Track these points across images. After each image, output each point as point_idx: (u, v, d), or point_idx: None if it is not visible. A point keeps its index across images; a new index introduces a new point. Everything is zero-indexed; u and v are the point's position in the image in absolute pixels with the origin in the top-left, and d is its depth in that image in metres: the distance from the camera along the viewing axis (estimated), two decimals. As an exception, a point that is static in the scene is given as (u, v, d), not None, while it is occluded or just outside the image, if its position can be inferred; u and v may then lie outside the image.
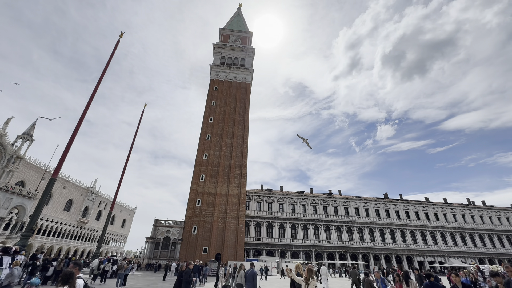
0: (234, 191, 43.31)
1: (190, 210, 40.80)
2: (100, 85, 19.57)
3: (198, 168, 44.11)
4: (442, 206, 55.08)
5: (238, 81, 55.62)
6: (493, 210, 56.20)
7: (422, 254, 47.61)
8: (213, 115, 50.01)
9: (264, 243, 44.08)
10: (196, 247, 38.37)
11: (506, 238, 52.36)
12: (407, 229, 50.01)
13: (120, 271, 15.60)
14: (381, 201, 53.07)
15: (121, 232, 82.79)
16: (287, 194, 50.51)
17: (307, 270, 6.21)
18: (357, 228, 48.51)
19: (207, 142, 47.01)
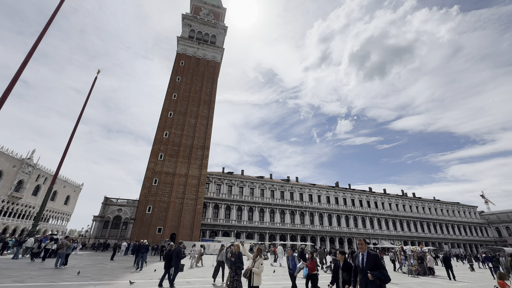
0: (194, 172, 42.50)
1: (146, 189, 39.00)
2: (41, 40, 16.66)
3: (157, 146, 41.88)
4: (382, 196, 62.59)
5: (207, 59, 53.06)
6: (420, 201, 65.98)
7: (360, 236, 53.67)
8: (177, 92, 47.24)
9: (221, 225, 44.87)
10: (150, 227, 37.24)
11: (426, 224, 62.36)
12: (351, 215, 55.87)
13: (60, 250, 14.36)
14: (332, 189, 57.87)
15: (63, 210, 75.54)
16: (248, 178, 51.56)
17: (257, 249, 6.89)
18: (308, 213, 52.41)
19: (169, 119, 44.58)
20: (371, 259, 4.40)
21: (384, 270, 4.24)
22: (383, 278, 4.08)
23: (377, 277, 4.08)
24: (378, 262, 4.35)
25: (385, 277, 4.11)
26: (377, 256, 4.43)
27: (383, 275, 4.10)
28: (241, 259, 7.92)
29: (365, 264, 4.39)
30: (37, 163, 59.82)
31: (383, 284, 4.13)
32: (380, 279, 4.06)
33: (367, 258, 4.45)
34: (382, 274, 4.12)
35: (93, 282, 10.29)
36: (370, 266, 4.31)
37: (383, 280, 4.09)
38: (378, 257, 4.45)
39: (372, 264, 4.32)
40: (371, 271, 4.17)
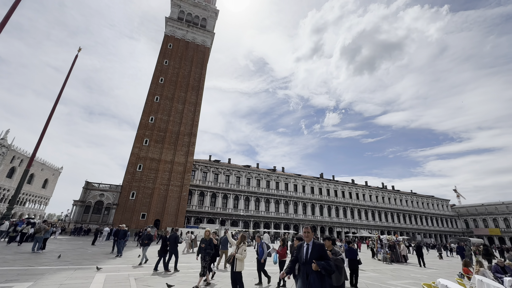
0: (180, 159, 41.93)
1: (130, 175, 38.16)
2: (15, 11, 15.30)
3: (142, 131, 40.71)
4: (363, 188, 65.03)
5: (197, 43, 51.29)
6: (398, 194, 69.25)
7: (341, 226, 56.33)
8: (164, 76, 45.62)
9: (206, 212, 45.07)
10: (134, 213, 36.76)
11: (402, 216, 65.83)
12: (333, 205, 57.83)
13: (38, 234, 13.89)
14: (317, 180, 59.32)
15: (41, 193, 72.73)
16: (234, 167, 51.65)
17: (241, 236, 7.07)
18: (293, 202, 53.66)
19: (155, 104, 43.22)
20: (316, 249, 4.04)
21: (330, 260, 3.97)
22: (329, 268, 3.81)
23: (323, 266, 3.80)
24: (323, 252, 4.02)
25: (331, 267, 3.84)
26: (322, 246, 4.11)
27: (328, 265, 3.84)
28: (212, 246, 8.03)
29: (310, 255, 4.03)
30: (11, 143, 56.59)
31: (328, 274, 3.84)
32: (325, 268, 3.79)
33: (312, 248, 4.08)
34: (327, 264, 3.84)
35: (73, 267, 10.09)
36: (315, 257, 3.96)
37: (328, 270, 3.80)
38: (324, 247, 4.13)
39: (317, 255, 3.97)
40: (316, 261, 3.88)
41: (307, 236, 4.16)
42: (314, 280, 3.83)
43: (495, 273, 8.71)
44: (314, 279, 3.84)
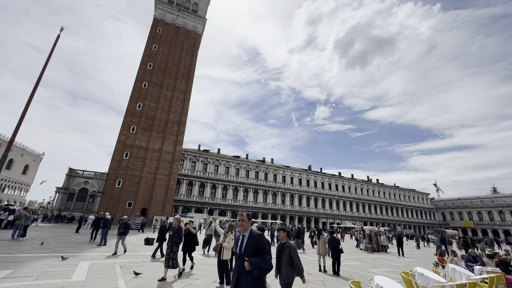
0: (169, 148, 41.28)
1: (116, 163, 37.28)
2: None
3: (129, 118, 39.56)
4: (349, 180, 66.84)
5: (187, 29, 49.63)
6: (382, 187, 71.75)
7: (327, 217, 58.03)
8: (153, 61, 44.09)
9: (194, 201, 45.04)
10: (120, 201, 36.18)
11: (385, 208, 68.51)
12: (320, 197, 59.25)
13: (18, 221, 13.44)
14: (305, 172, 60.32)
15: (21, 180, 70.03)
16: (224, 157, 51.52)
17: (228, 225, 7.13)
18: (281, 193, 54.51)
19: (143, 90, 41.90)
20: (253, 241, 3.23)
21: (267, 255, 3.15)
22: (264, 267, 3.01)
23: (256, 265, 2.99)
24: (261, 245, 3.22)
25: (266, 265, 3.04)
26: (261, 237, 3.29)
27: (264, 261, 3.04)
28: (180, 234, 7.66)
29: (244, 249, 3.22)
30: (-12, 127, 53.56)
31: (262, 274, 3.03)
32: (259, 267, 2.98)
33: (248, 240, 3.25)
34: (263, 261, 3.05)
35: (56, 254, 9.88)
36: (251, 250, 3.17)
37: (263, 268, 3.00)
38: (263, 238, 3.30)
39: (254, 248, 3.18)
40: (250, 258, 3.05)
41: (242, 225, 3.35)
42: (247, 284, 3.02)
43: (467, 262, 9.29)
44: (247, 283, 3.02)
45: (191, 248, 8.40)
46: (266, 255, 3.17)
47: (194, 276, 7.82)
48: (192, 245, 8.45)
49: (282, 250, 4.55)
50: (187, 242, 8.28)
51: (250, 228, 3.36)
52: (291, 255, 4.35)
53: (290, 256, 4.35)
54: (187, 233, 8.36)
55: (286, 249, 4.47)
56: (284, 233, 4.78)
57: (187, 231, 8.40)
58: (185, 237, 8.24)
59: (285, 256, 4.41)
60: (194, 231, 8.47)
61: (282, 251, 4.52)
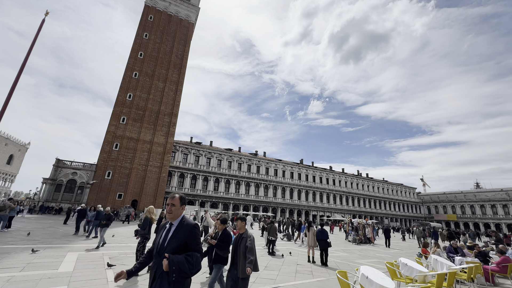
0: (160, 139, 40.72)
1: (105, 154, 36.56)
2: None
3: (119, 109, 38.63)
4: (340, 174, 68.00)
5: (180, 17, 48.29)
6: (371, 181, 73.40)
7: (317, 210, 59.12)
8: (144, 50, 42.87)
9: (185, 193, 44.89)
10: (110, 193, 35.70)
11: (373, 201, 70.31)
12: (311, 190, 60.14)
13: (2, 212, 13.08)
14: (296, 166, 60.91)
15: (6, 170, 67.92)
16: (216, 150, 51.32)
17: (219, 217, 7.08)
18: (272, 186, 55.00)
19: (134, 80, 40.86)
20: (181, 233, 2.44)
21: (196, 253, 2.41)
22: (187, 268, 2.25)
23: (178, 265, 2.22)
24: (192, 239, 2.44)
25: (192, 266, 2.30)
26: (194, 228, 2.49)
27: (189, 261, 2.30)
28: (144, 225, 6.96)
29: (168, 242, 2.42)
30: (-31, 115, 51.28)
31: (183, 277, 2.27)
32: (181, 268, 2.22)
33: (176, 230, 2.46)
34: (188, 261, 2.30)
35: (42, 246, 9.71)
36: (176, 244, 2.38)
37: (185, 270, 2.24)
38: (196, 230, 2.51)
39: (180, 242, 2.41)
40: (172, 255, 2.27)
41: (171, 212, 2.51)
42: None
43: (448, 253, 9.71)
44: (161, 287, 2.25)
45: None
46: (196, 252, 2.41)
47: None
48: None
49: (239, 241, 4.10)
50: None
51: (182, 216, 2.57)
52: (248, 244, 3.94)
53: (246, 246, 3.93)
54: None
55: (243, 240, 4.03)
56: (242, 222, 4.33)
57: None
58: None
59: (241, 247, 3.97)
60: None
61: (239, 242, 4.07)
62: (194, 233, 2.49)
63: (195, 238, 2.47)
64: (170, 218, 2.55)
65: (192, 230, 2.48)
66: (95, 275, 6.27)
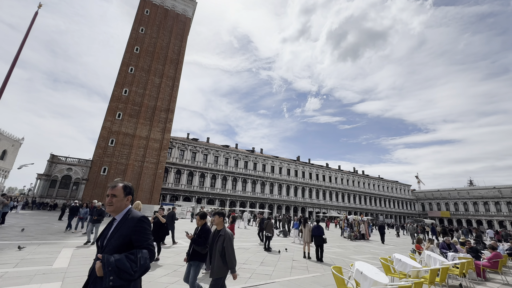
0: (156, 135, 40.45)
1: (101, 150, 36.23)
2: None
3: (114, 104, 38.20)
4: (336, 171, 68.45)
5: (177, 12, 47.65)
6: (367, 178, 74.05)
7: (313, 206, 59.56)
8: (140, 45, 42.29)
9: (182, 190, 44.84)
10: (105, 189, 35.41)
11: (369, 198, 71.04)
12: (307, 187, 60.49)
13: (-5, 208, 12.91)
14: (293, 163, 61.11)
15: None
16: (213, 146, 51.19)
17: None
18: (269, 183, 55.17)
19: (130, 75, 40.36)
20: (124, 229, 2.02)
21: (142, 250, 1.95)
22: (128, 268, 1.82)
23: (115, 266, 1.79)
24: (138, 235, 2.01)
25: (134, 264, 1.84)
26: (140, 222, 2.07)
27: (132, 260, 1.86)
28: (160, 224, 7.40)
29: (108, 239, 2.02)
30: (-40, 109, 50.27)
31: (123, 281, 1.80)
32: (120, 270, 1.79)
33: (118, 226, 2.06)
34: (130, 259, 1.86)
35: (37, 242, 9.63)
36: (118, 243, 1.97)
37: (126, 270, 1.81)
38: (144, 224, 2.07)
39: (123, 240, 1.98)
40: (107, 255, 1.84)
41: (112, 204, 2.11)
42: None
43: (441, 249, 9.86)
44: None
45: (158, 238, 7.81)
46: (142, 250, 1.94)
47: (160, 267, 7.84)
48: (160, 235, 7.81)
49: (215, 238, 3.75)
50: (154, 231, 7.81)
51: (127, 209, 2.16)
52: (224, 245, 3.60)
53: (223, 246, 3.60)
54: (155, 222, 7.91)
55: (220, 238, 3.68)
56: (220, 217, 3.93)
57: (156, 219, 7.94)
58: (153, 226, 7.85)
59: (218, 246, 3.64)
60: (163, 220, 7.85)
61: (216, 239, 3.73)
62: (141, 227, 2.06)
63: (142, 233, 2.05)
64: (111, 212, 2.14)
65: (138, 224, 2.05)
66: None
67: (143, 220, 2.11)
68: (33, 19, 22.52)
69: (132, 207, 2.28)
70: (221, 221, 3.92)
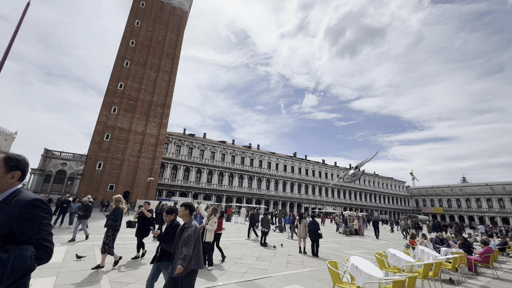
0: (153, 130, 40.13)
1: (96, 144, 35.86)
2: None
3: (110, 98, 37.70)
4: (332, 168, 68.91)
5: (173, 5, 46.88)
6: (363, 175, 74.63)
7: (309, 202, 60.03)
8: (135, 38, 41.62)
9: (179, 185, 44.75)
10: (101, 184, 35.22)
11: (364, 194, 71.79)
12: (303, 183, 60.85)
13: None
14: (290, 159, 61.31)
15: (-8, 160, 65.96)
16: (210, 142, 51.01)
17: (212, 209, 7.12)
18: (265, 179, 55.35)
19: (125, 69, 39.78)
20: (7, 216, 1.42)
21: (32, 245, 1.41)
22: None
23: None
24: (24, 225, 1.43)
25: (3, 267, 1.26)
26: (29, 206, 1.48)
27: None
28: (116, 216, 6.43)
29: None
30: (-50, 102, 49.16)
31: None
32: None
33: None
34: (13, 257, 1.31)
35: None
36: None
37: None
38: (33, 209, 1.48)
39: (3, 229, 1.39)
40: None
41: None
42: None
43: (434, 244, 10.03)
44: None
45: (143, 234, 7.34)
46: (24, 246, 1.39)
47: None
48: (145, 230, 7.34)
49: (181, 232, 3.40)
50: (140, 226, 7.38)
51: (15, 189, 1.56)
52: (185, 234, 3.28)
53: (184, 238, 3.28)
54: (140, 217, 7.46)
55: (184, 231, 3.37)
56: (186, 210, 3.58)
57: (140, 214, 7.47)
58: (138, 221, 7.46)
59: (181, 239, 3.30)
60: (148, 214, 7.37)
61: (181, 233, 3.38)
62: (30, 214, 1.47)
63: (30, 222, 1.45)
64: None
65: (24, 210, 1.46)
66: (85, 266, 6.21)
67: (34, 205, 1.50)
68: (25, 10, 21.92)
69: (22, 188, 1.62)
70: (187, 214, 3.57)
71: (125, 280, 5.42)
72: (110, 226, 6.31)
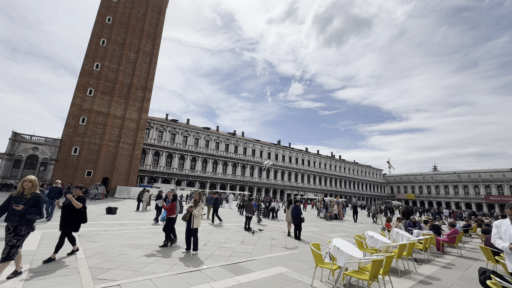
0: (133, 115, 38.46)
1: (71, 128, 33.84)
2: None
3: (85, 79, 35.32)
4: (315, 156, 70.64)
5: (154, -19, 43.75)
6: (343, 163, 77.44)
7: (292, 189, 61.59)
8: (112, 15, 38.71)
9: (161, 172, 43.84)
10: (77, 170, 33.63)
11: (344, 181, 74.82)
12: (286, 170, 62.04)
13: None
14: (274, 146, 61.87)
15: (-48, 143, 60.37)
16: (193, 128, 49.96)
17: (198, 194, 6.98)
18: (250, 166, 55.69)
19: (101, 48, 37.17)
20: None
21: None
22: None
23: None
24: None
25: None
26: None
27: None
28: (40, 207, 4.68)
29: None
30: None
31: None
32: None
33: None
34: None
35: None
36: None
37: None
38: None
39: None
40: None
41: None
42: None
43: (407, 227, 10.73)
44: None
45: (70, 227, 5.89)
46: None
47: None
48: (72, 222, 5.89)
49: None
50: (65, 217, 5.83)
51: None
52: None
53: None
54: (66, 205, 5.87)
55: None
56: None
57: (67, 202, 5.88)
58: (63, 211, 5.88)
59: None
60: (78, 204, 5.83)
61: None
62: None
63: None
64: None
65: None
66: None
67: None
68: (-18, -26, 19.44)
69: None
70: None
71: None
72: (32, 221, 4.62)
